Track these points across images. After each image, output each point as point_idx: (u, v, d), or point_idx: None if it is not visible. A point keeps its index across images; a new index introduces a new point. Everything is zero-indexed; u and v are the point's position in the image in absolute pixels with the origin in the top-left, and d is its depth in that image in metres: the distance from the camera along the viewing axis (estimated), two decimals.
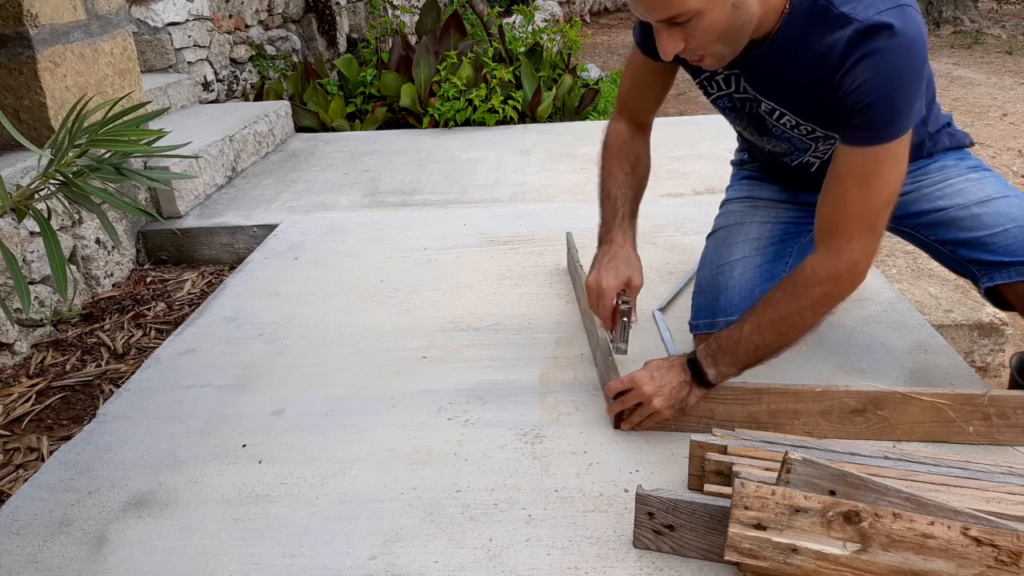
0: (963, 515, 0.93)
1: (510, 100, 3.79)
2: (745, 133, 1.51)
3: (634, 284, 1.38)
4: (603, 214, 1.46)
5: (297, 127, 3.82)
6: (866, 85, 1.12)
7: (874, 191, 1.17)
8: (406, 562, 1.10)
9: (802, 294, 1.21)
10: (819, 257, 1.21)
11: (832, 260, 1.20)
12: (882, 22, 1.10)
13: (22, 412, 1.69)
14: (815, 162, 1.46)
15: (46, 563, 1.14)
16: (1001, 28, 8.85)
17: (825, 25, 1.16)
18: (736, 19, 1.13)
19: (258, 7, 4.37)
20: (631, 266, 1.38)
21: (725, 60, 1.21)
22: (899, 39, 1.10)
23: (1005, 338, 2.02)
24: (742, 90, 1.35)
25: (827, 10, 1.15)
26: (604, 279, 1.36)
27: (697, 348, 1.30)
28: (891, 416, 1.29)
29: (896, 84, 1.12)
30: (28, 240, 2.00)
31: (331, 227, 2.49)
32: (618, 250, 1.40)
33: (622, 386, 1.32)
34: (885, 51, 1.11)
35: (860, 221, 1.18)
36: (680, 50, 1.15)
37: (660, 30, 1.14)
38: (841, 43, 1.14)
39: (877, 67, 1.11)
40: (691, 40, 1.14)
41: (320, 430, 1.43)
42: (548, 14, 6.55)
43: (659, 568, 1.06)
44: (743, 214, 1.63)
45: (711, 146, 3.20)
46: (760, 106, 1.34)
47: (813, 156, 1.44)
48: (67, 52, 2.24)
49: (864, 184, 1.17)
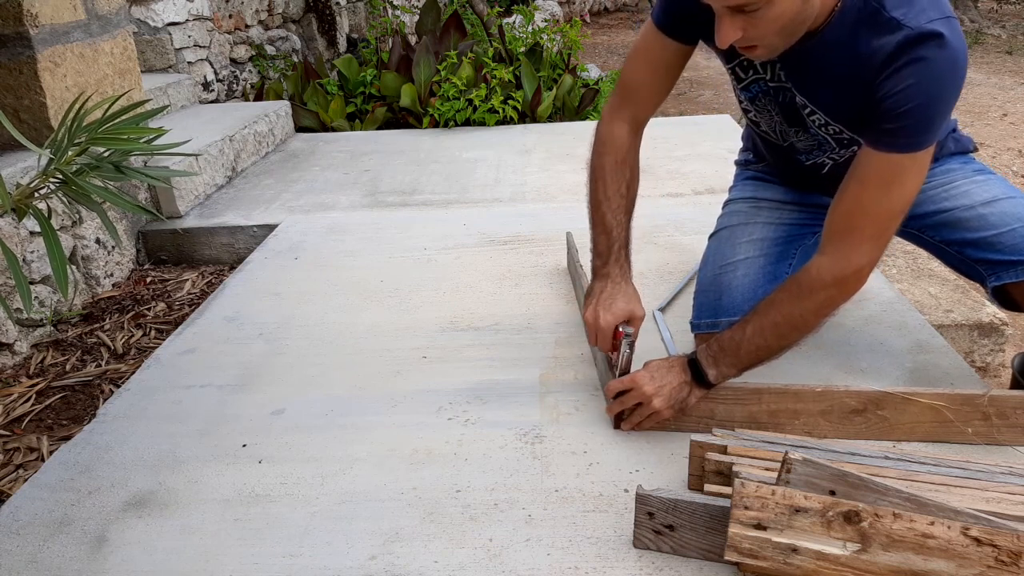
0: (963, 515, 0.93)
1: (510, 100, 3.79)
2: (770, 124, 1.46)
3: (636, 316, 1.36)
4: (596, 243, 1.42)
5: (297, 127, 3.82)
6: (907, 91, 1.12)
7: (892, 197, 1.17)
8: (406, 562, 1.10)
9: (806, 297, 1.21)
10: (826, 260, 1.21)
11: (839, 263, 1.20)
12: (933, 31, 1.10)
13: (22, 412, 1.69)
14: (829, 163, 1.45)
15: (46, 563, 1.14)
16: (1001, 28, 8.85)
17: (874, 27, 1.15)
18: (802, 12, 1.13)
19: (258, 7, 4.37)
20: (631, 302, 1.37)
21: (776, 52, 1.20)
22: (947, 51, 1.10)
23: (1005, 338, 2.02)
24: (777, 79, 1.34)
25: (878, 13, 1.15)
26: (602, 317, 1.35)
27: (698, 349, 1.30)
28: (891, 416, 1.29)
29: (936, 94, 1.12)
30: (28, 240, 2.00)
31: (331, 227, 2.49)
32: (615, 287, 1.37)
33: (622, 386, 1.32)
34: (932, 61, 1.11)
35: (873, 225, 1.18)
36: (737, 39, 1.14)
37: (723, 16, 1.12)
38: (889, 47, 1.13)
39: (921, 75, 1.11)
40: (752, 29, 1.12)
41: (320, 430, 1.42)
42: (548, 14, 6.55)
43: (659, 568, 1.06)
44: (747, 214, 1.62)
45: (711, 146, 3.20)
46: (795, 97, 1.34)
47: (830, 157, 1.43)
48: (67, 52, 2.24)
49: (884, 189, 1.17)
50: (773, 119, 1.45)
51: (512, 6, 6.94)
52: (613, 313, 1.35)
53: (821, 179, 1.50)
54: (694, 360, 1.28)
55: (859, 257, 1.19)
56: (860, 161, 1.20)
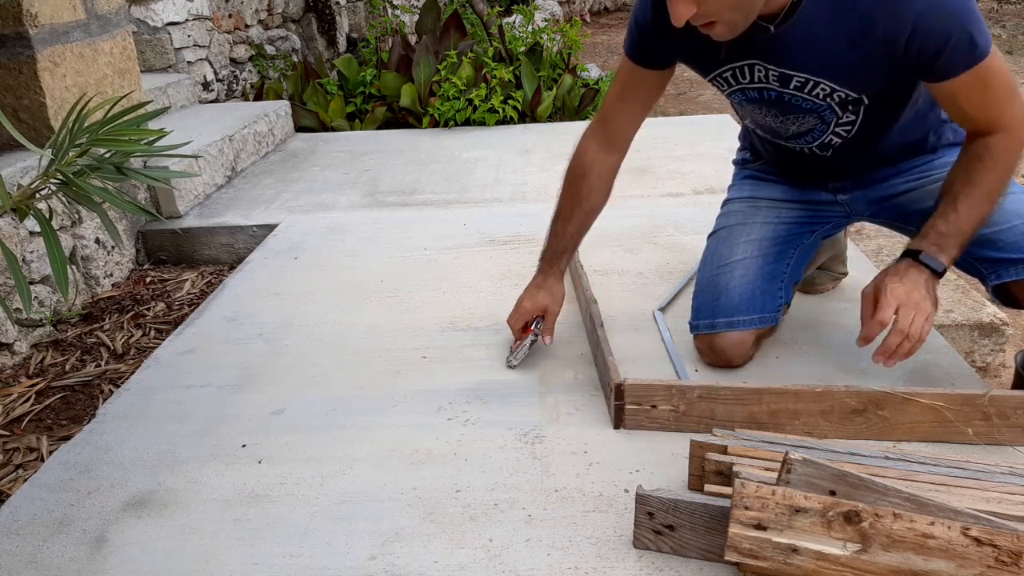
0: (963, 515, 0.93)
1: (510, 100, 3.79)
2: (763, 123, 1.50)
3: (551, 311, 1.58)
4: (546, 242, 1.61)
5: (297, 127, 3.82)
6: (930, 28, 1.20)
7: (998, 86, 1.26)
8: (406, 562, 1.10)
9: (1003, 162, 1.29)
10: (996, 138, 1.29)
11: (1009, 133, 1.29)
12: None
13: (22, 412, 1.69)
14: (836, 142, 1.46)
15: (46, 563, 1.14)
16: (1001, 28, 8.85)
17: None
18: None
19: (258, 7, 4.37)
20: (551, 297, 1.57)
21: (737, 30, 1.23)
22: None
23: (1005, 338, 2.02)
24: (758, 80, 1.37)
25: None
26: (525, 301, 1.58)
27: (916, 245, 1.31)
28: (891, 416, 1.29)
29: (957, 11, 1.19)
30: (28, 240, 2.00)
31: (331, 227, 2.49)
32: (543, 280, 1.58)
33: (885, 315, 1.27)
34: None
35: (1004, 103, 1.27)
36: (692, 15, 1.18)
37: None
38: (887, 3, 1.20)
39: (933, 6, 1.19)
40: (704, 5, 1.16)
41: (320, 430, 1.42)
42: (548, 14, 6.54)
43: (659, 568, 1.06)
44: (745, 214, 1.62)
45: (711, 146, 3.20)
46: (790, 83, 1.35)
47: (836, 131, 1.44)
48: (67, 52, 2.24)
49: (987, 89, 1.25)
50: (766, 116, 1.46)
51: (512, 6, 6.93)
52: (534, 302, 1.57)
53: (826, 164, 1.51)
54: (919, 258, 1.29)
55: (1014, 118, 1.28)
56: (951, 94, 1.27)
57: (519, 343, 1.59)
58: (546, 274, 1.58)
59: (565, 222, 1.57)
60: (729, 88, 1.44)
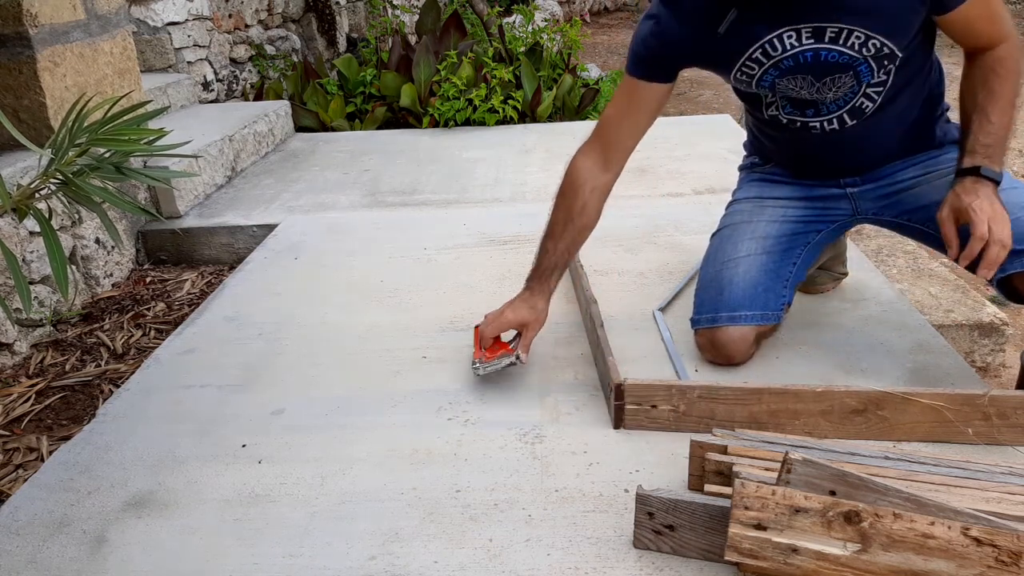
0: (963, 515, 0.93)
1: (510, 100, 3.79)
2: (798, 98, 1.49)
3: (531, 327, 1.51)
4: (535, 259, 1.56)
5: (297, 127, 3.81)
6: None
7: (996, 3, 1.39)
8: (406, 562, 1.10)
9: (1013, 69, 1.40)
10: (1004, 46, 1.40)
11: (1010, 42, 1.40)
12: None
13: (22, 412, 1.69)
14: (868, 107, 1.47)
15: (45, 563, 1.14)
16: None
17: None
18: None
19: (258, 7, 4.37)
20: (534, 314, 1.51)
21: None
22: None
23: (1005, 338, 2.02)
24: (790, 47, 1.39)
25: None
26: (507, 312, 1.51)
27: (970, 162, 1.36)
28: (891, 416, 1.29)
29: None
30: (27, 240, 2.00)
31: (331, 227, 2.49)
32: (529, 296, 1.53)
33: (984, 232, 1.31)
34: None
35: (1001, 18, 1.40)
36: None
37: None
38: None
39: None
40: None
41: (320, 430, 1.42)
42: (548, 14, 6.54)
43: (659, 568, 1.06)
44: (750, 213, 1.62)
45: (711, 146, 3.20)
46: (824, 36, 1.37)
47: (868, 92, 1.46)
48: (67, 52, 2.24)
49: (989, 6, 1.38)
50: (801, 89, 1.46)
51: (512, 6, 6.93)
52: (516, 314, 1.51)
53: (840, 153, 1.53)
54: (981, 172, 1.34)
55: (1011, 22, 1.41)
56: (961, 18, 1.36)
57: (495, 356, 1.49)
58: (533, 291, 1.53)
59: (556, 239, 1.53)
60: (761, 68, 1.43)
